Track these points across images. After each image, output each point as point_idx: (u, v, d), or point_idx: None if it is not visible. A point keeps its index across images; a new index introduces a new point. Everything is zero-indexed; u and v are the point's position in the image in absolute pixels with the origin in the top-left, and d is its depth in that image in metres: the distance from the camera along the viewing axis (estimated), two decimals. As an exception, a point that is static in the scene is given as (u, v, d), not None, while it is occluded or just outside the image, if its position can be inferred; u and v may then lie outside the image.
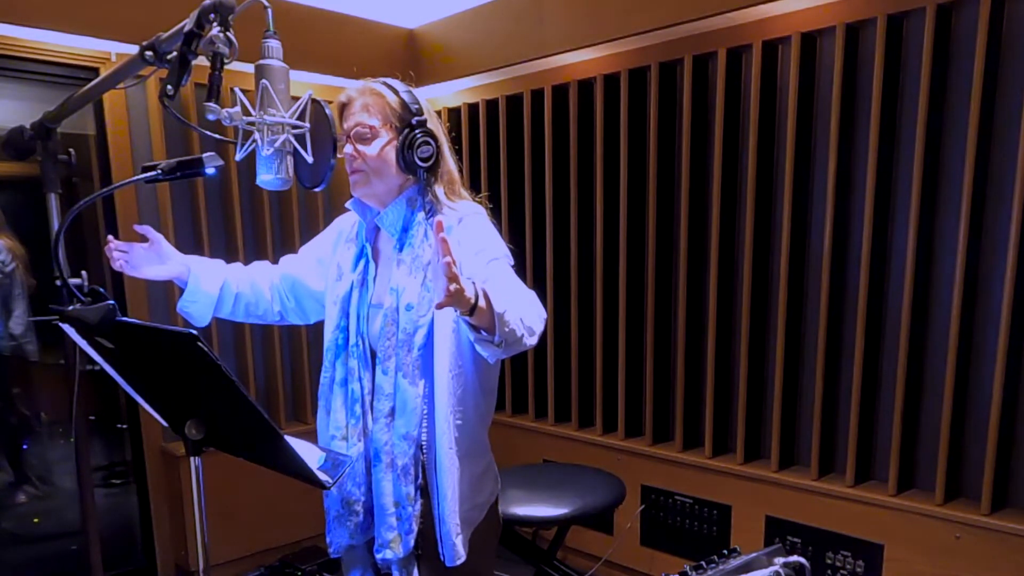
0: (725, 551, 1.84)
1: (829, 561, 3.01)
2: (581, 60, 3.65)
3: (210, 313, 2.00)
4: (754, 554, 1.80)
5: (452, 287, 1.34)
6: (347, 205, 1.90)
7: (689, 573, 1.73)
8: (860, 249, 2.90)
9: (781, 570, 1.54)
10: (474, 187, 4.16)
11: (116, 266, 1.89)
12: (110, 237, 1.90)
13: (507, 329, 1.47)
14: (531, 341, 1.57)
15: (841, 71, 2.90)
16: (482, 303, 1.42)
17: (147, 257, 1.90)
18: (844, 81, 2.91)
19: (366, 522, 1.84)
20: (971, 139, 2.59)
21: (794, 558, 1.61)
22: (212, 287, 1.97)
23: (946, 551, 2.71)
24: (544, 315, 1.66)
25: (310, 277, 2.03)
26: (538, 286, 4.07)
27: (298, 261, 2.08)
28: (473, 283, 1.42)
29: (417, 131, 1.73)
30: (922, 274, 2.82)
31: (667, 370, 3.63)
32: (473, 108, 4.24)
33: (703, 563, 1.77)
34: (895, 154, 2.83)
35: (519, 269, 4.12)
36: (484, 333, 1.49)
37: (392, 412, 1.76)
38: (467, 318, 1.44)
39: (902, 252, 2.80)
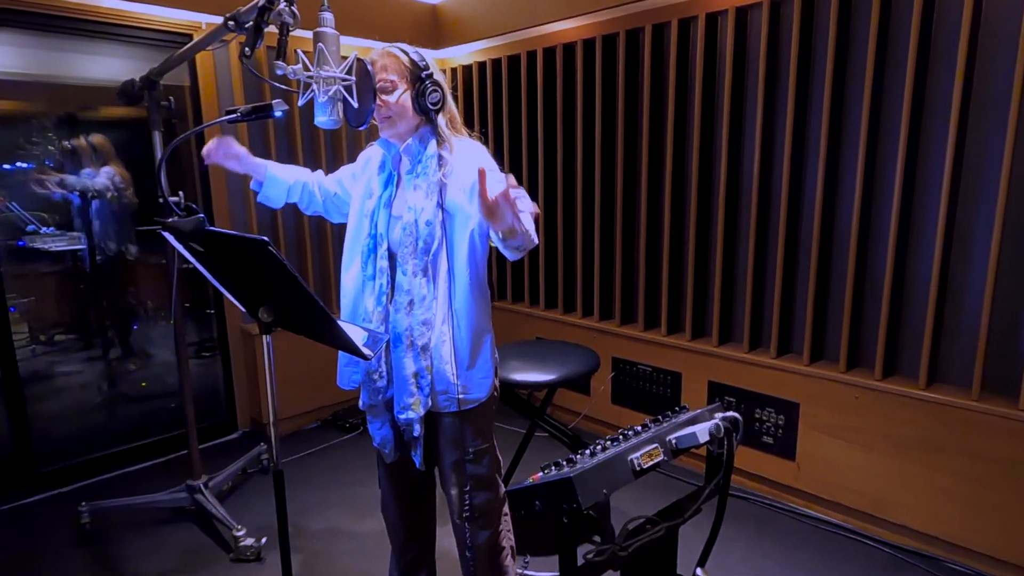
0: (676, 408, 1.89)
1: (757, 416, 3.07)
2: (565, 28, 3.67)
3: (284, 198, 2.06)
4: (699, 410, 1.84)
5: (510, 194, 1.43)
6: (376, 143, 1.92)
7: (649, 425, 1.78)
8: (773, 174, 2.88)
9: (720, 422, 1.57)
10: (482, 125, 4.20)
11: (205, 152, 1.92)
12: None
13: (528, 239, 1.57)
14: (534, 240, 1.64)
15: (767, 35, 2.88)
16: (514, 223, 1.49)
17: (229, 153, 1.94)
18: (768, 46, 2.90)
19: (384, 388, 1.86)
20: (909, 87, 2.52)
21: (730, 413, 1.65)
22: (286, 177, 2.05)
23: (848, 408, 2.78)
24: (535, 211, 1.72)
25: (342, 187, 2.08)
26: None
27: (337, 176, 2.10)
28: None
29: (427, 82, 1.75)
30: (829, 193, 2.80)
31: (631, 268, 3.64)
32: (482, 66, 4.28)
33: (660, 417, 1.82)
34: (808, 102, 2.78)
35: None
36: (509, 241, 1.56)
37: (411, 303, 1.76)
38: (499, 232, 1.52)
39: (813, 180, 2.78)
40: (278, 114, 1.71)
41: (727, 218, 3.15)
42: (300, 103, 1.65)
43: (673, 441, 1.65)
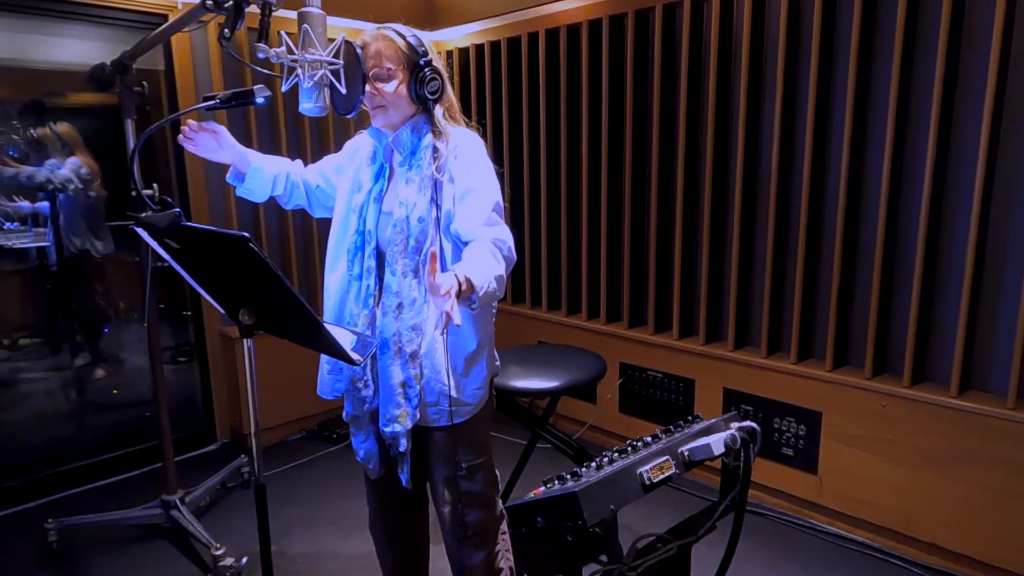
0: (689, 417, 1.89)
1: (776, 425, 3.06)
2: (569, 8, 3.67)
3: (268, 191, 2.03)
4: (714, 420, 1.84)
5: (447, 306, 1.34)
6: (366, 133, 1.91)
7: (660, 435, 1.78)
8: (799, 167, 2.88)
9: (736, 433, 1.57)
10: (480, 113, 4.19)
11: (186, 146, 1.89)
12: (189, 122, 1.87)
13: (486, 293, 1.49)
14: (500, 294, 1.59)
15: (786, 17, 2.88)
16: (464, 288, 1.43)
17: (210, 144, 1.89)
18: (788, 26, 2.90)
19: (370, 398, 1.85)
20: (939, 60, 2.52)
21: (747, 423, 1.65)
22: (270, 168, 2.01)
23: (874, 417, 2.77)
24: (514, 259, 1.68)
25: (326, 179, 2.06)
26: (532, 198, 4.08)
27: (320, 167, 2.09)
28: (456, 276, 1.41)
29: (426, 70, 1.74)
30: (854, 184, 2.80)
31: (641, 266, 3.64)
32: (479, 49, 4.28)
33: (671, 427, 1.82)
34: (831, 88, 2.78)
35: (518, 184, 4.14)
36: (463, 299, 1.48)
37: (399, 307, 1.75)
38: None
39: (837, 170, 2.78)
40: (260, 101, 1.70)
41: (744, 213, 3.15)
42: (284, 89, 1.65)
43: (686, 453, 1.65)
